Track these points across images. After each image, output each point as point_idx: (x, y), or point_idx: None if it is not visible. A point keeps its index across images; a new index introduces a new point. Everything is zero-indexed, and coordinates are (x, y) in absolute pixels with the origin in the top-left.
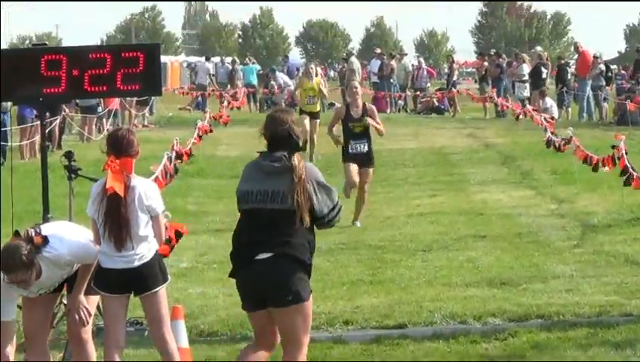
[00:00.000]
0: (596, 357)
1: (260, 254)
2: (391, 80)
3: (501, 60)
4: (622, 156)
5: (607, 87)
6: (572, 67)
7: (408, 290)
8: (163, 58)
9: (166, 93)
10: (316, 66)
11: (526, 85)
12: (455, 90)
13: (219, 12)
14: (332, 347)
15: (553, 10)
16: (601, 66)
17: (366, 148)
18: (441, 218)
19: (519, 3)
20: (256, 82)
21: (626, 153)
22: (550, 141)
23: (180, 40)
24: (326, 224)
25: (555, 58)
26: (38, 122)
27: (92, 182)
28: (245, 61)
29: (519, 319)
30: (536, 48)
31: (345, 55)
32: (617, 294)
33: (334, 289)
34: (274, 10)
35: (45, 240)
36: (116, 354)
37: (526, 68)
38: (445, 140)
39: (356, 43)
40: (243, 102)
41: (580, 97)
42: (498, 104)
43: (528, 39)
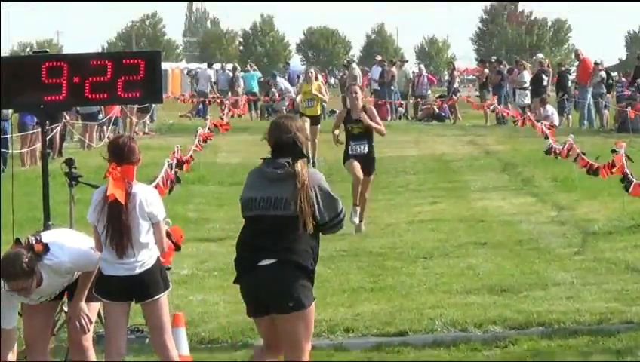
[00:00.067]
0: None
1: (263, 260)
2: (392, 87)
3: (502, 67)
4: (621, 163)
5: (607, 95)
6: (573, 74)
7: (409, 297)
8: (164, 65)
9: (167, 100)
10: (316, 72)
11: (527, 92)
12: (456, 98)
13: (220, 19)
14: (333, 354)
15: (554, 17)
16: (602, 74)
17: (366, 149)
18: (441, 225)
19: (520, 10)
20: (257, 89)
21: (629, 159)
22: (551, 149)
23: (181, 47)
24: (329, 229)
25: (556, 65)
26: (39, 129)
27: (93, 189)
28: (246, 68)
29: (520, 326)
30: (537, 55)
31: (346, 62)
32: (618, 301)
33: (335, 296)
34: (275, 17)
35: (46, 247)
36: None
37: (527, 75)
38: (446, 147)
39: (357, 50)
40: (244, 109)
41: (581, 104)
42: (499, 112)
43: (529, 46)
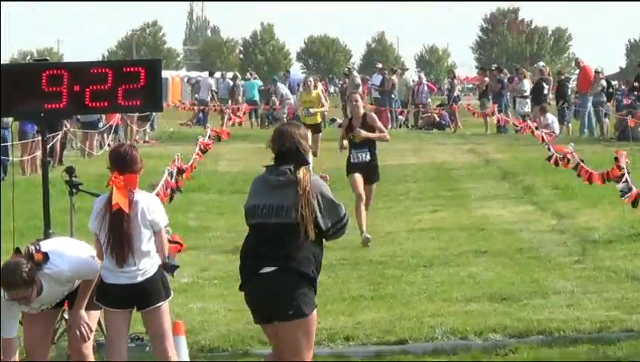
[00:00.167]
0: None
1: (264, 268)
2: (392, 95)
3: (502, 76)
4: (622, 170)
5: (608, 103)
6: (573, 82)
7: (409, 306)
8: (164, 73)
9: (167, 108)
10: (315, 80)
11: (527, 101)
12: (456, 106)
13: (220, 28)
14: None
15: (554, 25)
16: (602, 82)
17: (368, 156)
18: (442, 233)
19: (520, 18)
20: (257, 98)
21: (628, 172)
22: (552, 157)
23: (181, 55)
24: (333, 235)
25: (556, 73)
26: (39, 137)
27: (93, 197)
28: (246, 76)
29: (520, 335)
30: (538, 63)
31: (346, 71)
32: (618, 310)
33: (335, 304)
34: (275, 25)
35: (46, 256)
36: None
37: (527, 83)
38: (446, 156)
39: (357, 58)
40: (244, 117)
41: (581, 113)
42: (499, 120)
43: (529, 55)
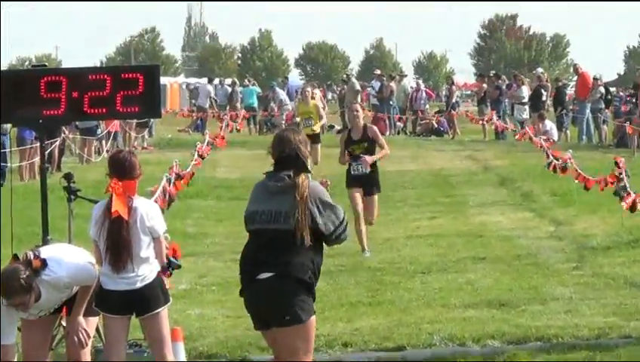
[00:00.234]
0: None
1: (262, 274)
2: (390, 102)
3: (500, 82)
4: (621, 173)
5: (606, 110)
6: (571, 89)
7: (407, 312)
8: (162, 80)
9: (165, 114)
10: (313, 88)
11: (525, 107)
12: (454, 112)
13: (219, 34)
14: None
15: (553, 32)
16: (601, 89)
17: (368, 168)
18: (440, 240)
19: (519, 25)
20: (256, 104)
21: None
22: (551, 163)
23: (180, 62)
24: (334, 241)
25: (553, 80)
26: (38, 144)
27: (91, 203)
28: (245, 83)
29: (518, 341)
30: (537, 70)
31: (345, 77)
32: (616, 316)
33: (333, 310)
34: (273, 32)
35: (44, 263)
36: None
37: (525, 90)
38: (444, 162)
39: (355, 65)
40: (242, 124)
41: (580, 120)
42: (497, 126)
43: (527, 61)
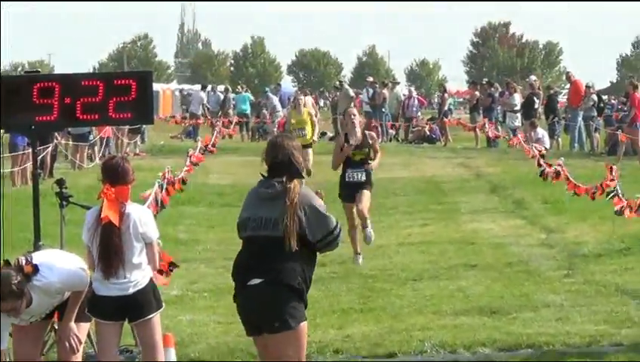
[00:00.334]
0: None
1: (252, 280)
2: (383, 109)
3: (493, 90)
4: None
5: (598, 118)
6: (564, 97)
7: (399, 319)
8: (155, 86)
9: (158, 121)
10: (305, 95)
11: (517, 115)
12: (447, 120)
13: (211, 40)
14: None
15: (545, 39)
16: (593, 97)
17: (363, 177)
18: (431, 247)
19: (511, 32)
20: (248, 111)
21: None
22: (544, 171)
23: (172, 68)
24: (325, 247)
25: (545, 88)
26: (30, 150)
27: (83, 209)
28: (237, 89)
29: (509, 348)
30: (530, 77)
31: (337, 84)
32: (607, 324)
33: (325, 317)
34: (266, 38)
35: (35, 268)
36: None
37: (517, 97)
38: (436, 169)
39: (348, 71)
40: (234, 130)
41: (572, 127)
42: (490, 135)
43: (520, 69)
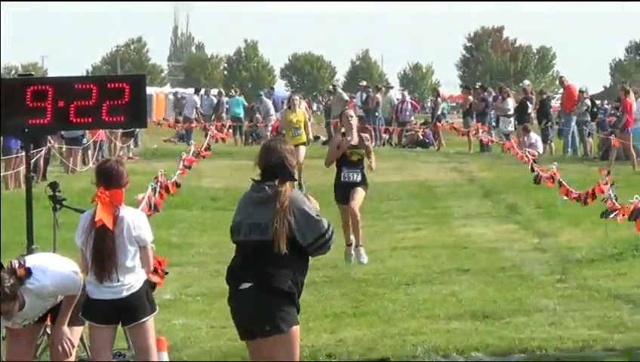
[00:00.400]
0: None
1: (243, 284)
2: (376, 113)
3: (486, 94)
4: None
5: (592, 123)
6: (557, 102)
7: (391, 323)
8: (148, 90)
9: (151, 124)
10: (300, 98)
11: (510, 120)
12: (440, 124)
13: (205, 44)
14: None
15: (539, 44)
16: (587, 102)
17: (359, 177)
18: (424, 251)
19: (505, 37)
20: (242, 114)
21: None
22: (538, 176)
23: (166, 71)
24: (316, 250)
25: (538, 93)
26: (23, 153)
27: (76, 212)
28: (231, 93)
29: (502, 353)
30: (523, 82)
31: (331, 88)
32: (600, 328)
33: (318, 321)
34: (259, 42)
35: (28, 271)
36: None
37: (510, 102)
38: (430, 174)
39: (341, 75)
40: (228, 134)
41: (565, 132)
42: (483, 139)
43: (514, 73)
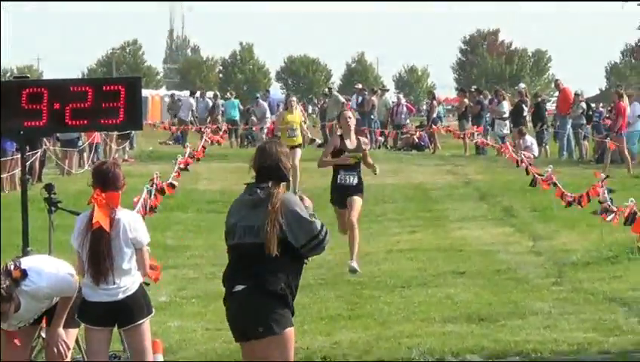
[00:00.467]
0: None
1: (237, 287)
2: (372, 116)
3: (482, 97)
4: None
5: (587, 126)
6: (553, 104)
7: (387, 326)
8: (144, 92)
9: (146, 127)
10: (297, 102)
11: (506, 123)
12: (435, 127)
13: (200, 47)
14: None
15: (534, 47)
16: (582, 105)
17: (356, 180)
18: (420, 254)
19: (500, 40)
20: (238, 117)
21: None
22: (534, 180)
23: (161, 74)
24: (310, 252)
25: (532, 96)
26: (19, 155)
27: (72, 215)
28: (226, 95)
29: (497, 356)
30: (519, 85)
31: (326, 90)
32: (595, 331)
33: (313, 324)
34: (254, 45)
35: (24, 273)
36: None
37: (506, 105)
38: (425, 176)
39: (337, 78)
40: (223, 137)
41: (561, 135)
42: (478, 142)
43: (509, 76)
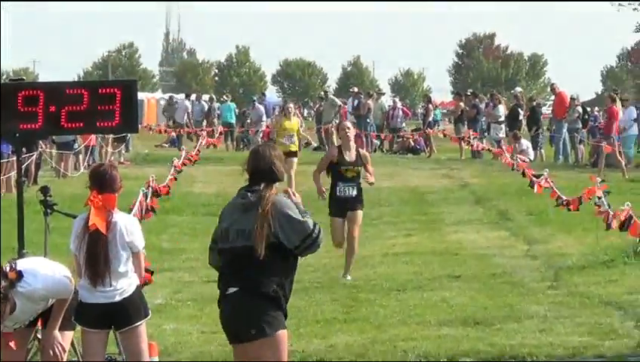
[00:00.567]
0: None
1: (230, 289)
2: (367, 119)
3: (477, 101)
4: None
5: (583, 130)
6: (549, 108)
7: (382, 329)
8: (140, 95)
9: (142, 130)
10: (295, 107)
11: (502, 126)
12: (431, 130)
13: (196, 50)
14: None
15: (530, 51)
16: (578, 109)
17: (355, 191)
18: (415, 258)
19: (496, 44)
20: (234, 120)
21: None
22: (532, 182)
23: (157, 77)
24: (305, 251)
25: (528, 100)
26: (14, 158)
27: (67, 217)
28: (222, 98)
29: (493, 359)
30: (515, 89)
31: (322, 94)
32: (591, 335)
33: (309, 327)
34: (250, 48)
35: (19, 275)
36: None
37: (502, 109)
38: (421, 180)
39: (333, 81)
40: (219, 140)
41: (556, 139)
42: (474, 145)
43: (505, 80)
